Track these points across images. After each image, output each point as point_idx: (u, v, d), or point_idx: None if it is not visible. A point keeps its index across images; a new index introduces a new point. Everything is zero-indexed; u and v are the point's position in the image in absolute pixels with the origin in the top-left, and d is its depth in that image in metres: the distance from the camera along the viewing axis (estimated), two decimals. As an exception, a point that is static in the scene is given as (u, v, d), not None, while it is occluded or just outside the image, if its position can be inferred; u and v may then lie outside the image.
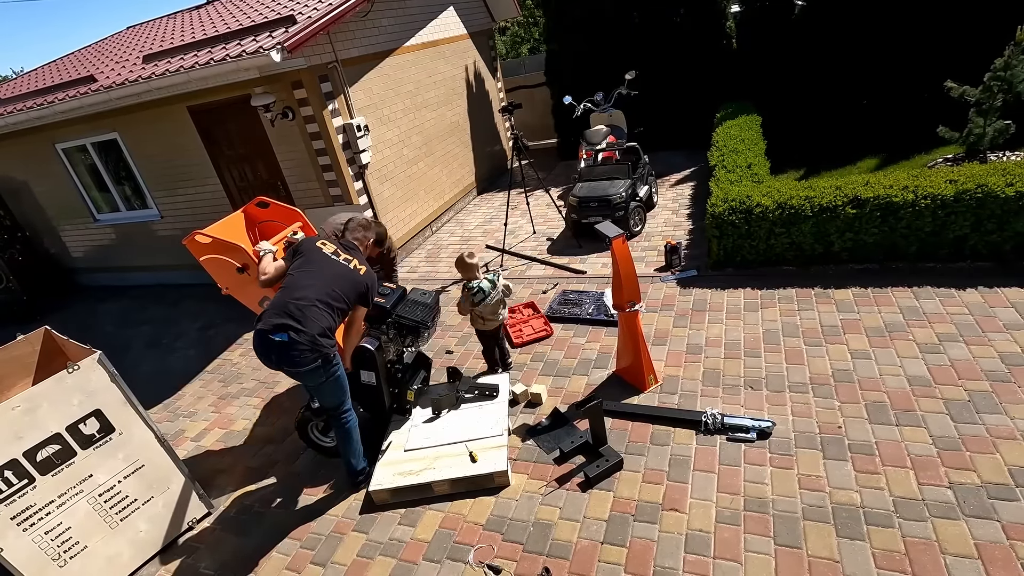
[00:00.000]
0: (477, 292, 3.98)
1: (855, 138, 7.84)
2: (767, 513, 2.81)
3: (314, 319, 3.12)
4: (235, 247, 3.63)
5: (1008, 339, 3.58)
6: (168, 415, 5.04)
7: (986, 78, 5.82)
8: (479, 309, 4.04)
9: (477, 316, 4.10)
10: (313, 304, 3.15)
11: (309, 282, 3.23)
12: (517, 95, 11.68)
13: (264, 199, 4.21)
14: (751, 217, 4.92)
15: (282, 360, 3.11)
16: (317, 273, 3.28)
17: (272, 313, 3.12)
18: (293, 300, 3.13)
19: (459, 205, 9.11)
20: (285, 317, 3.07)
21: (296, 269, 3.32)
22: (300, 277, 3.26)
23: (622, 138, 7.65)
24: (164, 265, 8.17)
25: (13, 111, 7.10)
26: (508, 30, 18.31)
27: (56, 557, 3.07)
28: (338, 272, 3.34)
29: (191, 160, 7.01)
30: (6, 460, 2.88)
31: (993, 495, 2.64)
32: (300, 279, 3.25)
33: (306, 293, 3.17)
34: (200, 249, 3.74)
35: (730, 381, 3.79)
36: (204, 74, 5.71)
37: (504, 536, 3.02)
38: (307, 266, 3.32)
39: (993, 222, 4.28)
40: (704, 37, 9.01)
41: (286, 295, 3.18)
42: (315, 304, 3.15)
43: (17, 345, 3.60)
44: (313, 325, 3.10)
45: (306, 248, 3.43)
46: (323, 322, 3.15)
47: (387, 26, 7.27)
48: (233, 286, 3.84)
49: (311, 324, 3.09)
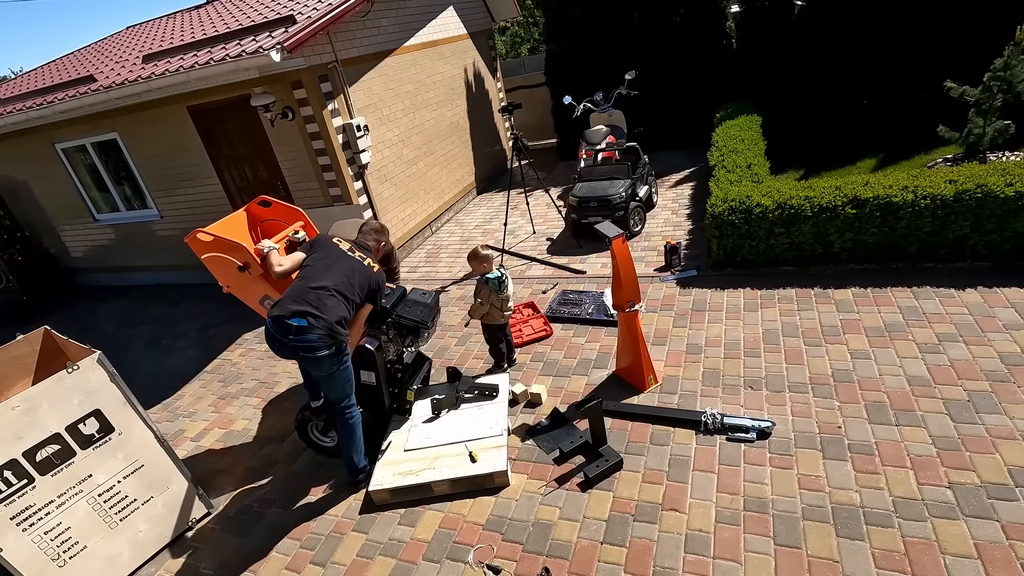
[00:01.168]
0: (496, 280, 4.03)
1: (855, 138, 7.84)
2: (767, 513, 2.81)
3: (332, 307, 3.20)
4: (236, 246, 3.64)
5: (1008, 339, 3.58)
6: (168, 415, 5.04)
7: (986, 78, 5.82)
8: (500, 299, 4.08)
9: (496, 309, 4.11)
10: (331, 294, 3.23)
11: (327, 273, 3.32)
12: (517, 95, 11.68)
13: (266, 198, 4.21)
14: (751, 217, 4.92)
15: (298, 345, 3.13)
16: (335, 265, 3.38)
17: (290, 300, 3.19)
18: (312, 288, 3.22)
19: (459, 205, 9.11)
20: (304, 304, 3.15)
21: (314, 260, 3.42)
22: (318, 268, 3.35)
23: (622, 138, 7.65)
24: (164, 265, 8.17)
25: (13, 111, 7.10)
26: (508, 30, 18.31)
27: (56, 557, 3.07)
28: (355, 266, 3.44)
29: (191, 160, 7.01)
30: (6, 460, 2.88)
31: (993, 495, 2.64)
32: (318, 269, 3.34)
33: (324, 282, 3.26)
34: (202, 247, 3.74)
35: (730, 381, 3.79)
36: (204, 74, 5.71)
37: (504, 536, 3.02)
38: (325, 259, 3.42)
39: (993, 222, 4.28)
40: (704, 37, 9.01)
41: (305, 283, 3.26)
42: (333, 293, 3.24)
43: (17, 345, 3.60)
44: (331, 312, 3.18)
45: (323, 242, 3.55)
46: (340, 311, 3.23)
47: (387, 26, 7.28)
48: (234, 284, 3.84)
49: (329, 312, 3.17)
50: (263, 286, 3.79)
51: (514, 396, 4.00)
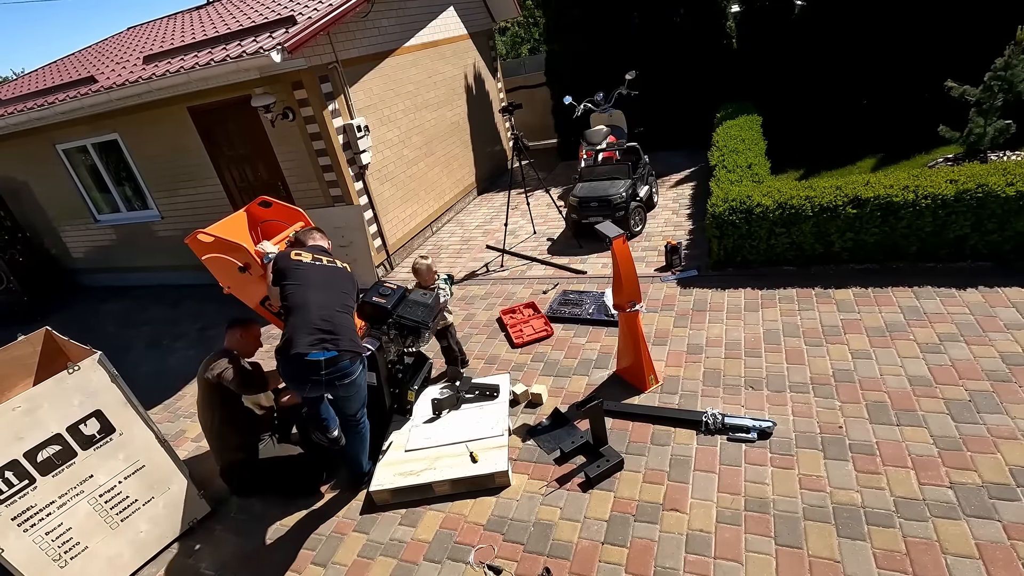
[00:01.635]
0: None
1: (855, 138, 7.83)
2: (768, 513, 2.81)
3: (344, 324, 3.11)
4: (237, 246, 3.63)
5: (1009, 339, 3.58)
6: (169, 415, 5.04)
7: (986, 78, 5.82)
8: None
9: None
10: (337, 311, 3.14)
11: (319, 292, 3.17)
12: (517, 95, 11.69)
13: (267, 198, 4.21)
14: (751, 217, 4.92)
15: (333, 375, 3.00)
16: (317, 284, 3.21)
17: (303, 335, 2.97)
18: (317, 316, 3.04)
19: (459, 205, 9.11)
20: (319, 334, 2.99)
21: (295, 286, 3.17)
22: (305, 294, 3.14)
23: (622, 138, 7.64)
24: (165, 266, 8.18)
25: (14, 112, 7.10)
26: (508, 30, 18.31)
27: (57, 558, 3.07)
28: (334, 274, 3.35)
29: (191, 161, 7.02)
30: (7, 461, 2.88)
31: (994, 495, 2.64)
32: (307, 296, 3.13)
33: (323, 304, 3.11)
34: (202, 248, 3.74)
35: (731, 381, 3.79)
36: (204, 75, 5.72)
37: (505, 536, 3.02)
38: (306, 280, 3.20)
39: (993, 222, 4.28)
40: (704, 37, 9.01)
41: (305, 315, 3.05)
42: (338, 310, 3.15)
43: (18, 345, 3.60)
44: (346, 330, 3.10)
45: (286, 267, 3.25)
46: (350, 324, 3.17)
47: (387, 26, 7.28)
48: (235, 285, 3.84)
49: (344, 330, 3.08)
50: (264, 287, 3.79)
51: (515, 396, 4.00)
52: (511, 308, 5.31)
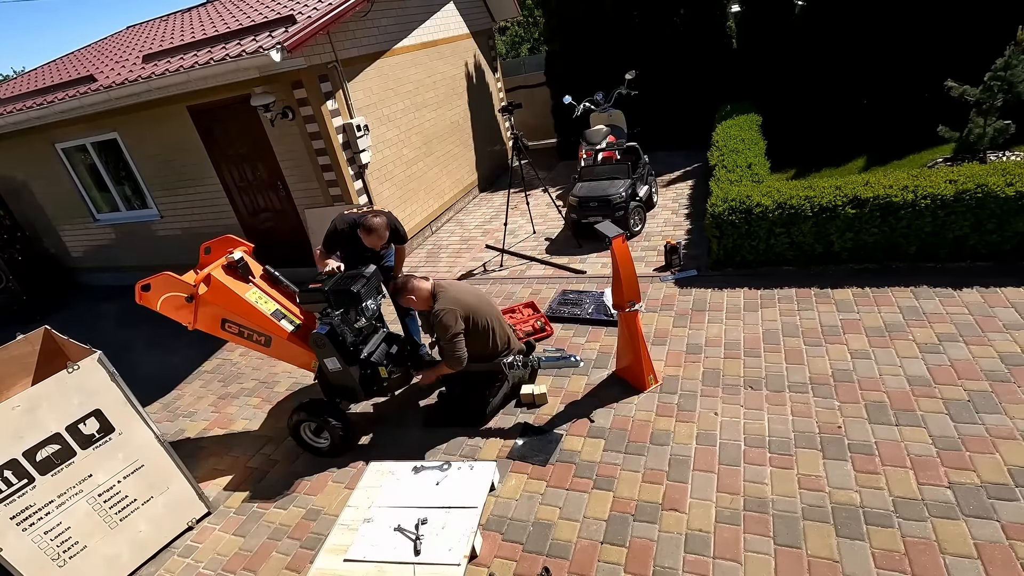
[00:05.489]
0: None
1: (855, 138, 7.84)
2: (767, 513, 2.81)
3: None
4: (172, 281, 3.65)
5: (1008, 339, 3.58)
6: (168, 415, 5.04)
7: (986, 78, 5.82)
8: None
9: None
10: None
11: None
12: (517, 95, 11.68)
13: (207, 244, 4.11)
14: (751, 217, 4.92)
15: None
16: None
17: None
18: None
19: (459, 205, 9.11)
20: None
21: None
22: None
23: (622, 138, 7.64)
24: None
25: (13, 111, 7.10)
26: (508, 30, 18.31)
27: (56, 557, 3.07)
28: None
29: (191, 160, 7.01)
30: (6, 460, 2.88)
31: (993, 495, 2.64)
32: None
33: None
34: (151, 299, 3.75)
35: (730, 381, 3.79)
36: (204, 74, 5.71)
37: (504, 536, 3.02)
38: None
39: (993, 222, 4.28)
40: (704, 37, 9.01)
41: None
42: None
43: (17, 345, 3.60)
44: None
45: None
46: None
47: (387, 26, 7.27)
48: (195, 319, 3.81)
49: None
50: (216, 308, 3.79)
51: (518, 399, 3.99)
52: (510, 308, 5.30)
